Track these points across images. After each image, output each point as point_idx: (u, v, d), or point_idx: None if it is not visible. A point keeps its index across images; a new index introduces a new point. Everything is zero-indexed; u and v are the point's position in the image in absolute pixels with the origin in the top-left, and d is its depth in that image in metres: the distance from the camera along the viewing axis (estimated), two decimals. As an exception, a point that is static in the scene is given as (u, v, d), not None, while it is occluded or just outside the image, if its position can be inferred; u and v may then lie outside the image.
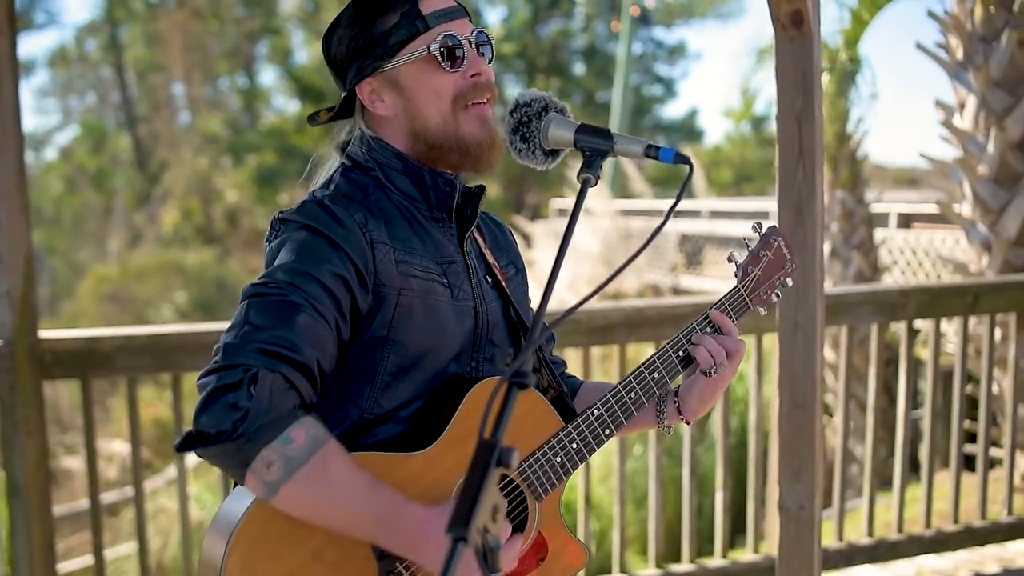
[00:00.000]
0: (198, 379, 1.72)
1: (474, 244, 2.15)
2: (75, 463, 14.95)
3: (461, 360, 2.02)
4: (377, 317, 1.90)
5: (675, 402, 2.19)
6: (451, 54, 1.97)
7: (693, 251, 19.43)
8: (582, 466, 4.48)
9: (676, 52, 43.76)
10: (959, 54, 7.52)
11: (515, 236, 2.38)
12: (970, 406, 6.39)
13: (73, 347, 4.06)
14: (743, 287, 2.25)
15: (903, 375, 5.13)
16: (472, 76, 2.00)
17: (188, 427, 1.70)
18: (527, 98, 1.95)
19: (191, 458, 4.79)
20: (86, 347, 4.06)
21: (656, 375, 2.11)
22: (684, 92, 69.38)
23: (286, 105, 40.08)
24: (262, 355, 1.71)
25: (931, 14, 7.59)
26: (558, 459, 2.01)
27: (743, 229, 17.99)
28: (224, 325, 2.05)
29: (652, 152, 1.81)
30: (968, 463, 5.72)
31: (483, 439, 1.37)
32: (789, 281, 2.33)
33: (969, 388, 6.45)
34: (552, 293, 1.60)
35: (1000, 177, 7.34)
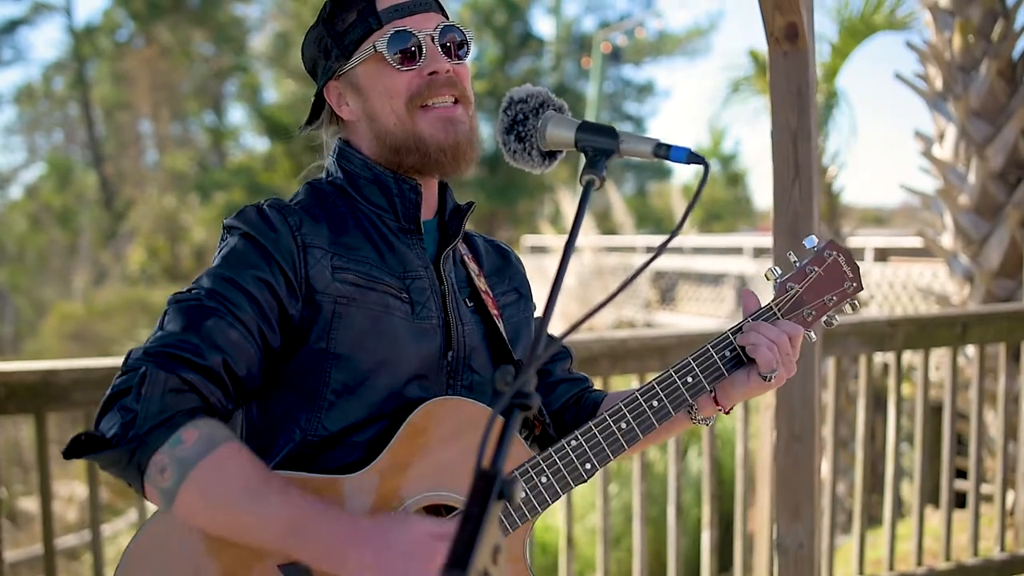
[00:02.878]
0: None
1: (459, 266, 1.99)
2: (34, 505, 14.57)
3: (430, 384, 1.85)
4: (313, 327, 1.78)
5: (710, 392, 1.94)
6: (402, 51, 1.85)
7: (667, 287, 19.35)
8: (563, 504, 4.34)
9: (645, 90, 44.05)
10: (938, 84, 7.47)
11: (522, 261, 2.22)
12: (938, 438, 6.25)
13: (28, 380, 3.83)
14: (777, 306, 1.97)
15: (892, 408, 4.98)
16: (429, 74, 1.86)
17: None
18: (522, 94, 1.76)
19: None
20: (42, 380, 3.83)
21: (655, 404, 1.88)
22: (653, 130, 69.69)
23: (254, 143, 39.93)
24: (159, 357, 1.63)
25: (910, 44, 7.54)
26: (543, 479, 1.80)
27: (718, 265, 18.12)
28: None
29: (662, 151, 1.63)
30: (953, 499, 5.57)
31: (482, 469, 1.19)
32: (849, 303, 2.01)
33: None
34: (556, 304, 1.42)
35: (981, 207, 7.26)
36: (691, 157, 1.62)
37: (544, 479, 1.81)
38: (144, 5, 35.36)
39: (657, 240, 21.73)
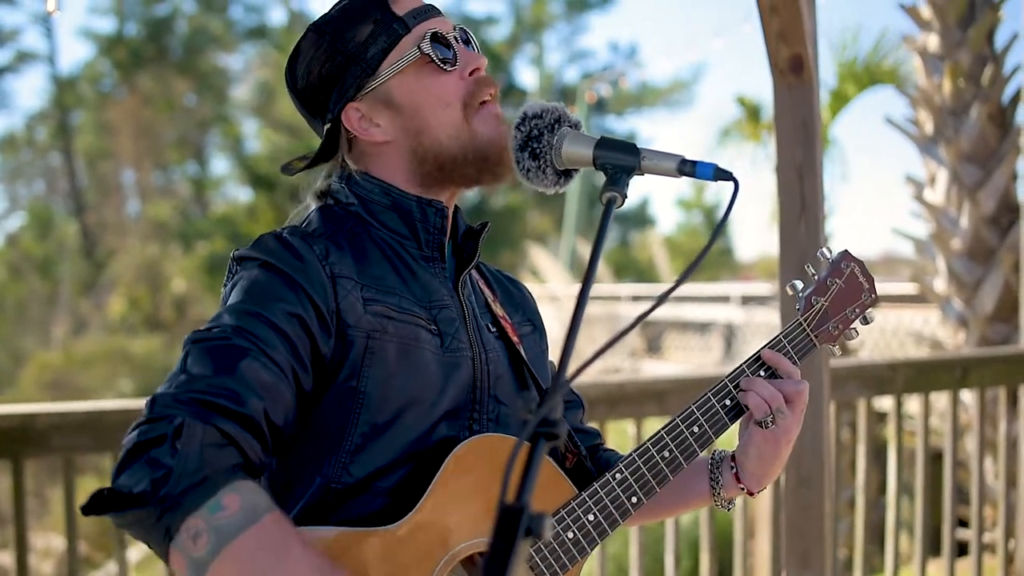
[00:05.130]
0: (125, 437, 1.42)
1: (478, 293, 1.86)
2: (9, 558, 14.25)
3: (456, 420, 1.70)
4: (344, 365, 1.61)
5: (732, 468, 1.86)
6: (445, 53, 1.71)
7: (653, 336, 19.28)
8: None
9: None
10: (929, 128, 7.46)
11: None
12: (939, 484, 6.14)
13: (5, 424, 3.68)
14: (806, 320, 1.92)
15: (892, 453, 4.88)
16: (471, 73, 1.74)
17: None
18: (536, 109, 1.65)
19: (133, 552, 4.40)
20: (19, 424, 3.68)
21: (696, 429, 1.78)
22: (636, 181, 69.89)
23: (237, 193, 39.88)
24: (193, 405, 1.42)
25: (900, 89, 7.54)
26: (570, 534, 1.68)
27: (705, 313, 18.06)
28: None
29: (687, 168, 1.53)
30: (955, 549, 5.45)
31: (506, 504, 1.08)
32: (869, 315, 1.99)
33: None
34: (579, 328, 1.32)
35: (974, 252, 7.23)
36: (719, 173, 1.52)
37: (592, 517, 1.71)
38: (127, 55, 35.44)
39: (641, 288, 21.76)
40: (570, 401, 2.07)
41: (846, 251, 2.00)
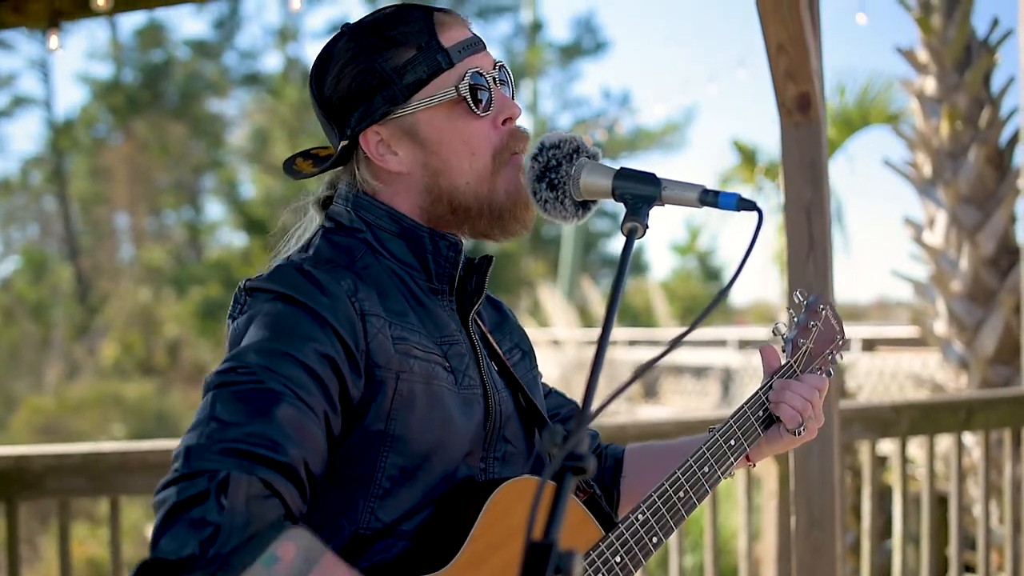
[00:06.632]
0: (155, 493, 1.32)
1: (476, 325, 1.79)
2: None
3: (471, 460, 1.65)
4: (372, 407, 1.53)
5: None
6: (478, 96, 1.64)
7: (650, 381, 19.19)
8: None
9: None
10: (927, 171, 7.48)
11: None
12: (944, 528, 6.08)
13: (-1, 466, 3.63)
14: (795, 362, 1.92)
15: (898, 497, 4.82)
16: (504, 122, 1.67)
17: (131, 558, 1.30)
18: (554, 139, 1.60)
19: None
20: (14, 466, 3.63)
21: (706, 469, 1.77)
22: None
23: (231, 238, 39.86)
24: (233, 456, 1.33)
25: (898, 131, 7.57)
26: None
27: (702, 357, 17.99)
28: (168, 444, 1.63)
29: (710, 198, 1.49)
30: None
31: (533, 541, 1.03)
32: (839, 357, 2.03)
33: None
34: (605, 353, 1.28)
35: (975, 294, 7.23)
36: (742, 204, 1.48)
37: (619, 559, 1.65)
38: (123, 100, 35.55)
39: (637, 333, 21.72)
40: (568, 416, 2.02)
41: (820, 294, 2.07)
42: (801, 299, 1.99)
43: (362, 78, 1.64)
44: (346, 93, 1.66)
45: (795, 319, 1.98)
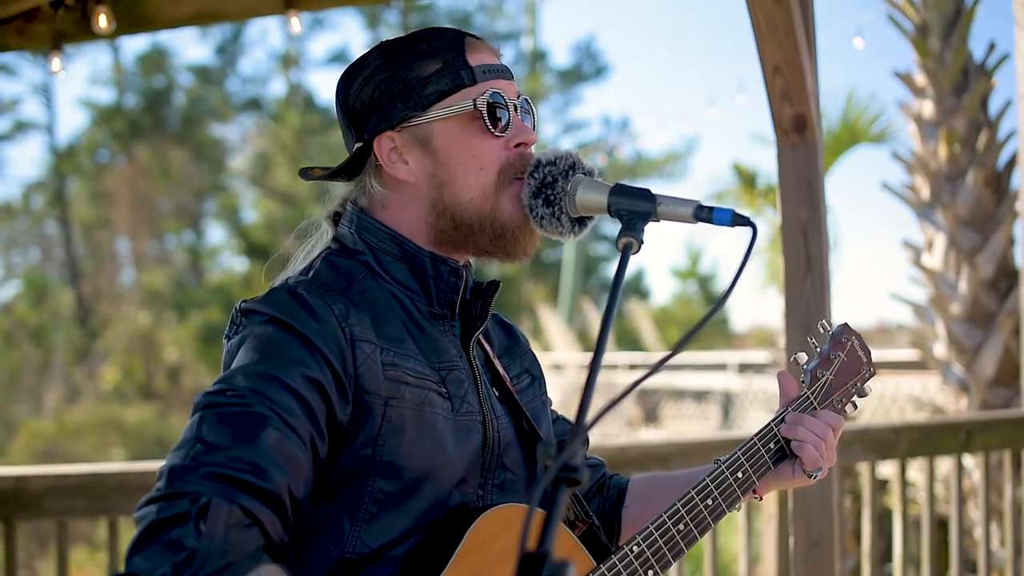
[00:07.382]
0: (136, 509, 1.34)
1: (479, 350, 1.80)
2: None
3: (467, 487, 1.64)
4: (360, 433, 1.54)
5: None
6: (496, 115, 1.66)
7: (650, 405, 19.16)
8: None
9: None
10: (925, 194, 7.50)
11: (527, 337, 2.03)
12: (945, 550, 6.05)
13: (-2, 487, 3.63)
14: (812, 394, 1.89)
15: (898, 520, 4.81)
16: (517, 146, 1.69)
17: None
18: (550, 156, 1.63)
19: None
20: (13, 486, 3.63)
21: (709, 502, 1.75)
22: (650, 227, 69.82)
23: (233, 263, 39.89)
24: (216, 481, 1.34)
25: (896, 155, 7.60)
26: None
27: (702, 381, 17.97)
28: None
29: (704, 214, 1.50)
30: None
31: (527, 553, 1.04)
32: (867, 388, 1.98)
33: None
34: (598, 372, 1.29)
35: (974, 316, 7.23)
36: (736, 219, 1.49)
37: None
38: (125, 125, 35.66)
39: (638, 357, 21.68)
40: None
41: (846, 324, 2.00)
42: (826, 329, 1.97)
43: (386, 85, 1.68)
44: (369, 99, 1.70)
45: (817, 349, 1.96)
